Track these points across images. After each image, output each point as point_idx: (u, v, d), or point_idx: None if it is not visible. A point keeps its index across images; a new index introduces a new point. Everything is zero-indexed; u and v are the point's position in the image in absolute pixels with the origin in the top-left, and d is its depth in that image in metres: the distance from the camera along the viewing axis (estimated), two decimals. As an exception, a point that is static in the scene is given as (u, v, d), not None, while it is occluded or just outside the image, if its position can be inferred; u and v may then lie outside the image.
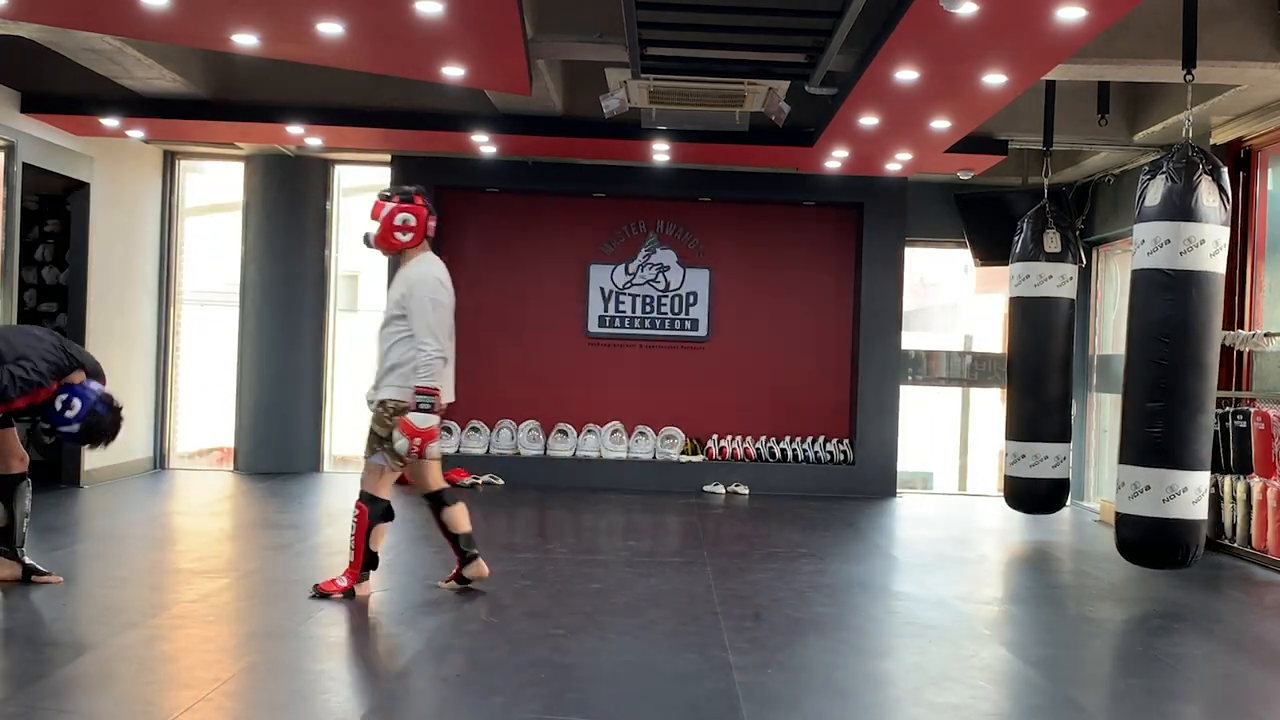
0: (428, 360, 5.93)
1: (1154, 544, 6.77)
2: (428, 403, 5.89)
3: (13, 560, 6.11)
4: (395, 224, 6.18)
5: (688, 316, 11.96)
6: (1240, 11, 7.20)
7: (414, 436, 5.85)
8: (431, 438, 5.89)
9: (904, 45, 6.58)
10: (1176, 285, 6.67)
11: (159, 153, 11.62)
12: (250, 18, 6.74)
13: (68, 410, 5.86)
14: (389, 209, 6.18)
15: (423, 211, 6.22)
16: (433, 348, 5.96)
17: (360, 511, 6.06)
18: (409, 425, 5.86)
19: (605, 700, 4.64)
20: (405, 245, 6.23)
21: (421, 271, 6.15)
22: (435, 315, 6.05)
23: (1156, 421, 6.69)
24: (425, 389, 5.90)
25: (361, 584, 6.10)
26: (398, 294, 6.13)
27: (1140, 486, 6.73)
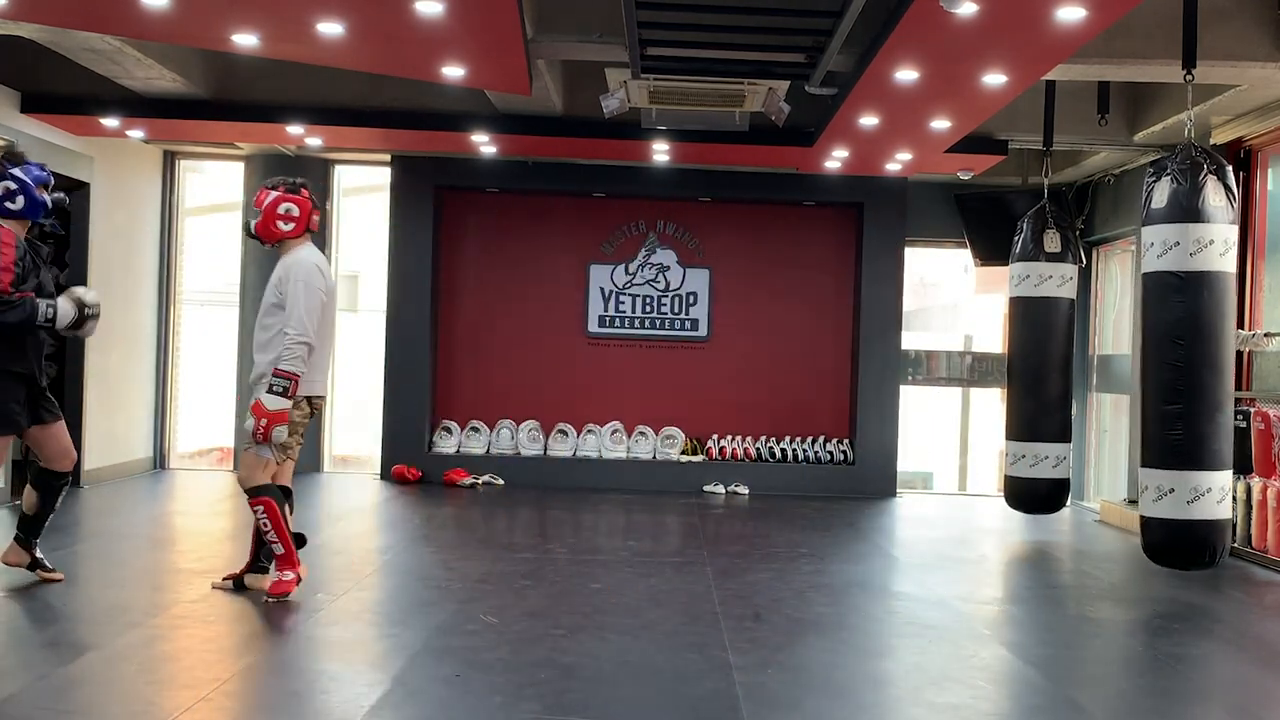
0: (291, 344, 5.84)
1: (1181, 546, 6.79)
2: (281, 386, 5.79)
3: (25, 549, 6.19)
4: (278, 213, 6.12)
5: (688, 316, 11.96)
6: (1240, 11, 7.20)
7: (262, 417, 5.77)
8: (280, 420, 5.77)
9: (904, 45, 6.58)
10: (1189, 287, 6.67)
11: (159, 153, 11.62)
12: (250, 18, 6.74)
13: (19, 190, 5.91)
14: (272, 197, 6.14)
15: (307, 204, 6.16)
16: (296, 333, 5.86)
17: (265, 505, 5.91)
18: (260, 406, 5.78)
19: (605, 700, 4.64)
20: (286, 235, 6.14)
21: (298, 257, 6.08)
22: (306, 301, 5.93)
23: (1176, 424, 6.69)
24: (284, 372, 5.81)
25: (300, 566, 6.04)
26: (275, 279, 6.07)
27: (1164, 489, 6.73)
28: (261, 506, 5.94)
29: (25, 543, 6.20)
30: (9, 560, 6.17)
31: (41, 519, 6.22)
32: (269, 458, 5.97)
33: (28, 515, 6.21)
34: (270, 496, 5.94)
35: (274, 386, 5.81)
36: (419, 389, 11.61)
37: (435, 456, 11.55)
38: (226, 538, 8.44)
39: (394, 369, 11.63)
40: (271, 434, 5.80)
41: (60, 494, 6.28)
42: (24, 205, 5.94)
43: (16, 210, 5.93)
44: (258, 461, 5.96)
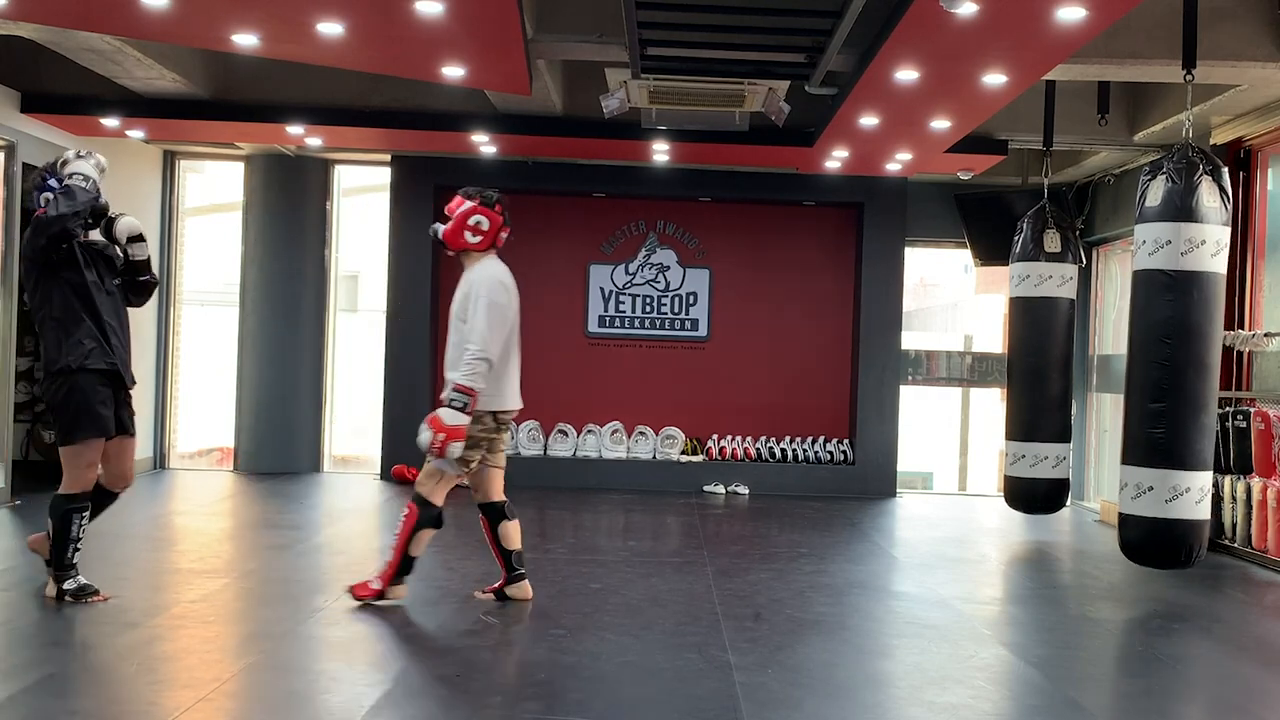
0: (470, 360, 5.82)
1: (1157, 544, 6.78)
2: (461, 401, 5.78)
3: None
4: (468, 224, 6.12)
5: (688, 316, 11.96)
6: (1240, 11, 7.20)
7: (439, 432, 5.74)
8: (457, 436, 5.75)
9: (904, 45, 6.58)
10: (1178, 286, 6.67)
11: (159, 153, 11.62)
12: (250, 18, 6.74)
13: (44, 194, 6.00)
14: (465, 207, 6.12)
15: (498, 220, 6.16)
16: (476, 349, 5.84)
17: (409, 511, 5.94)
18: (437, 420, 5.76)
19: (605, 700, 4.64)
20: (471, 246, 6.16)
21: (481, 273, 6.08)
22: (488, 317, 5.93)
23: (1159, 422, 6.69)
24: (463, 388, 5.79)
25: (395, 588, 5.99)
26: (460, 295, 6.07)
27: (1143, 487, 6.73)
28: (406, 511, 5.95)
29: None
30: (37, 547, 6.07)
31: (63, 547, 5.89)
32: (449, 471, 5.96)
33: None
34: (421, 511, 5.94)
35: (453, 402, 5.78)
36: (419, 389, 11.59)
37: (435, 456, 11.53)
38: (226, 538, 8.45)
39: (394, 369, 11.63)
40: (447, 449, 5.77)
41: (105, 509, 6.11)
42: None
43: None
44: (435, 474, 5.96)
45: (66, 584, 5.84)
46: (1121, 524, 6.93)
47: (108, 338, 5.88)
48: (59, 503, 5.83)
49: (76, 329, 5.79)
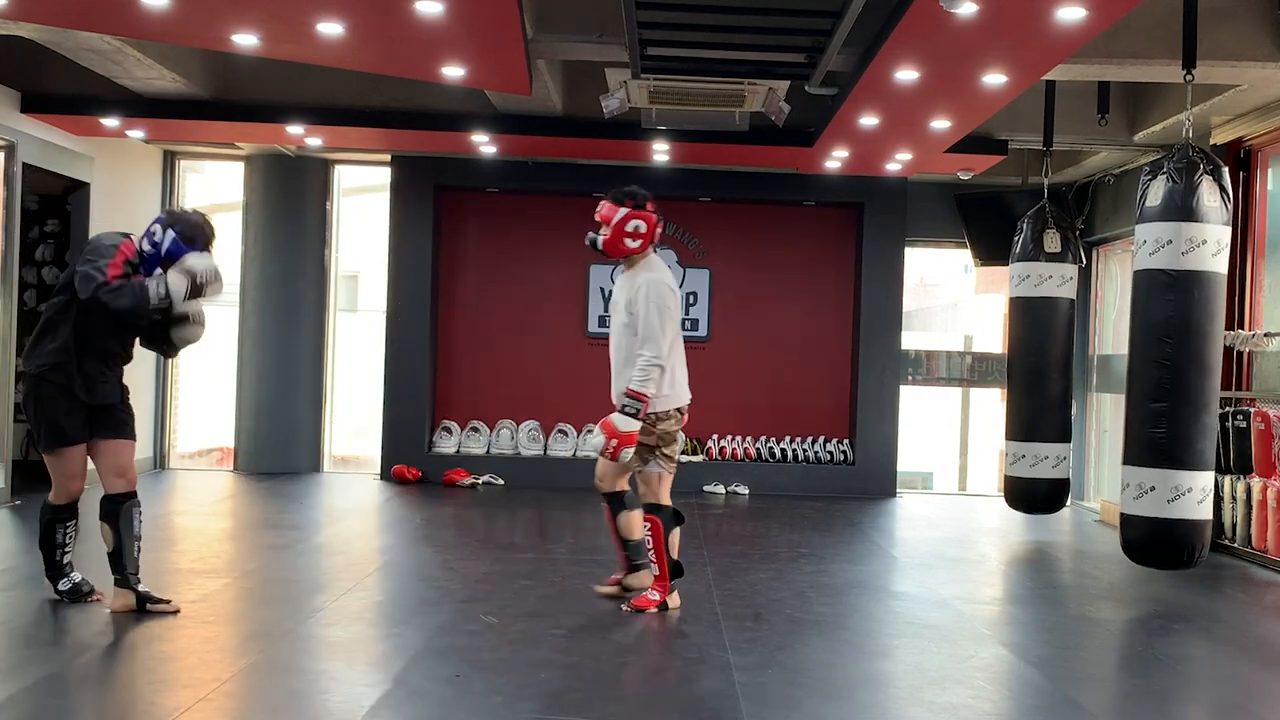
0: (644, 365, 5.88)
1: (1159, 545, 6.78)
2: (634, 407, 5.83)
3: (126, 588, 5.68)
4: (626, 230, 6.09)
5: (688, 316, 11.95)
6: (1240, 11, 7.20)
7: (612, 438, 5.80)
8: (629, 442, 5.80)
9: (904, 45, 6.58)
10: (1179, 286, 6.67)
11: (159, 153, 11.62)
12: (250, 18, 6.74)
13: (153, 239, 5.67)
14: (621, 214, 6.09)
15: (652, 218, 6.14)
16: (649, 354, 5.89)
17: (652, 524, 5.98)
18: (610, 425, 5.82)
19: (605, 700, 4.64)
20: (633, 251, 6.14)
21: (649, 277, 6.05)
22: (659, 321, 5.95)
23: (1160, 422, 6.69)
24: (635, 393, 5.85)
25: (671, 595, 6.06)
26: (624, 299, 6.07)
27: (1145, 487, 6.73)
28: (648, 525, 5.99)
29: (123, 582, 5.69)
30: (117, 607, 5.65)
31: (124, 551, 5.68)
32: (659, 471, 6.02)
33: (111, 553, 5.72)
34: (660, 518, 5.98)
35: (626, 407, 5.84)
36: (419, 389, 11.60)
37: (435, 456, 11.55)
38: (226, 538, 8.45)
39: (394, 369, 11.63)
40: (620, 454, 5.82)
41: (133, 518, 5.72)
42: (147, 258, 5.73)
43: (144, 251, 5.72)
44: (654, 476, 6.02)
45: (61, 584, 5.81)
46: (1124, 524, 6.93)
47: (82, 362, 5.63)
48: (44, 510, 5.77)
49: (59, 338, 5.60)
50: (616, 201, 6.13)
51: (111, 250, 5.57)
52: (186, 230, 5.73)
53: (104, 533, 5.74)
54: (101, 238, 5.73)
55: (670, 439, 6.07)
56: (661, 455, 6.02)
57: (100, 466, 5.78)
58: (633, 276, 6.12)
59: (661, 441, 6.02)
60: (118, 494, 5.75)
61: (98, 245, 5.64)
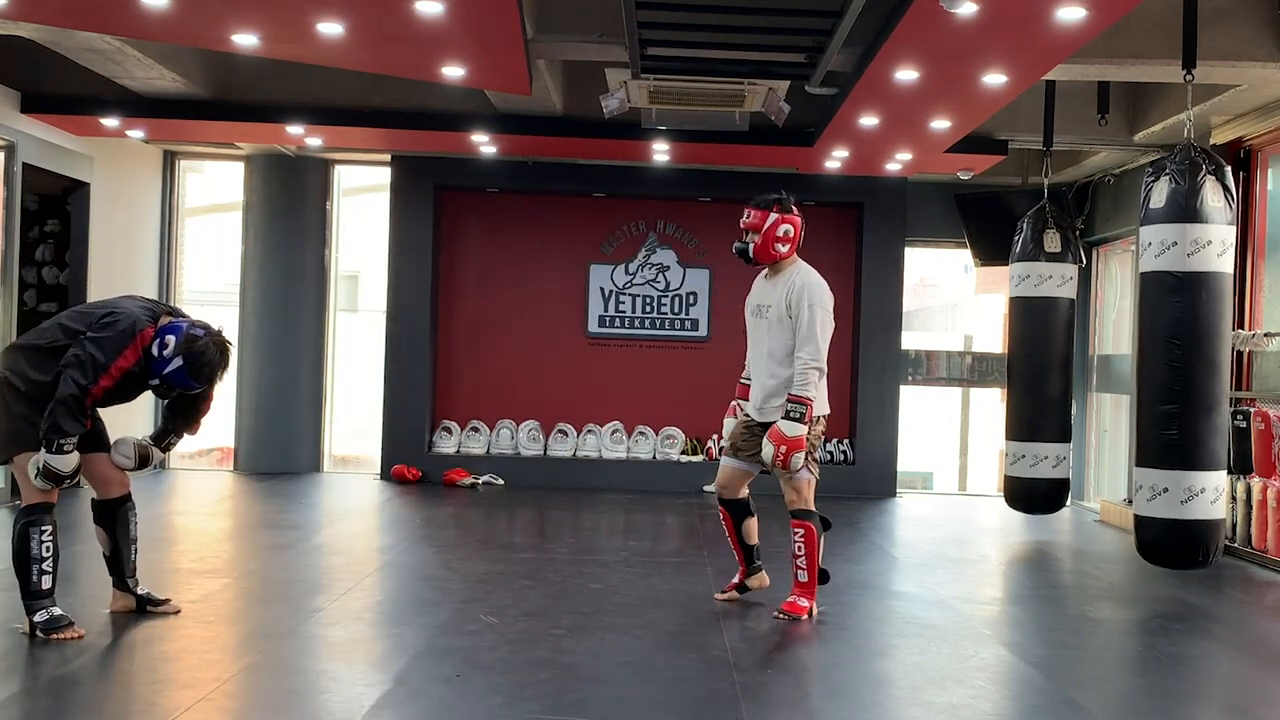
0: (803, 369, 5.85)
1: (1175, 545, 6.79)
2: (798, 412, 5.80)
3: (125, 591, 5.66)
4: (777, 235, 6.12)
5: (688, 316, 11.95)
6: (1240, 11, 7.20)
7: (780, 445, 5.79)
8: (798, 447, 5.79)
9: (904, 45, 6.58)
10: (1185, 287, 6.67)
11: (159, 153, 11.62)
12: (250, 18, 6.74)
13: (164, 350, 5.28)
14: (772, 220, 6.11)
15: (798, 221, 6.16)
16: (811, 358, 5.87)
17: (806, 531, 5.98)
18: (778, 434, 5.80)
19: (605, 700, 4.64)
20: (782, 256, 6.17)
21: (810, 279, 6.10)
22: (823, 326, 5.97)
23: (1172, 424, 6.69)
24: (798, 398, 5.82)
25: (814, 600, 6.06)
26: (781, 303, 6.04)
27: (1158, 489, 6.74)
28: (802, 531, 5.99)
29: (121, 585, 5.66)
30: (116, 608, 5.65)
31: (121, 555, 5.63)
32: (810, 478, 6.01)
33: (108, 557, 5.68)
34: (812, 523, 6.00)
35: (790, 413, 5.82)
36: (419, 389, 11.60)
37: (435, 456, 11.55)
38: (227, 538, 8.45)
39: (394, 369, 11.63)
40: (790, 460, 5.81)
41: (129, 521, 5.63)
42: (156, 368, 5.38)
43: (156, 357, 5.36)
44: (805, 484, 6.00)
45: (37, 615, 5.18)
46: (1138, 526, 6.93)
47: None
48: (17, 517, 5.27)
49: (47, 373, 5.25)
50: (763, 207, 6.13)
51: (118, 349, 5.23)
52: (193, 369, 5.39)
53: (99, 536, 5.66)
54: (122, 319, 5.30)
55: (817, 444, 6.08)
56: (811, 461, 6.01)
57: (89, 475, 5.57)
58: (786, 279, 6.12)
59: (812, 446, 6.00)
60: (115, 498, 5.63)
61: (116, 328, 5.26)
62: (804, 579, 6.02)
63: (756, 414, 6.12)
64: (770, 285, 6.20)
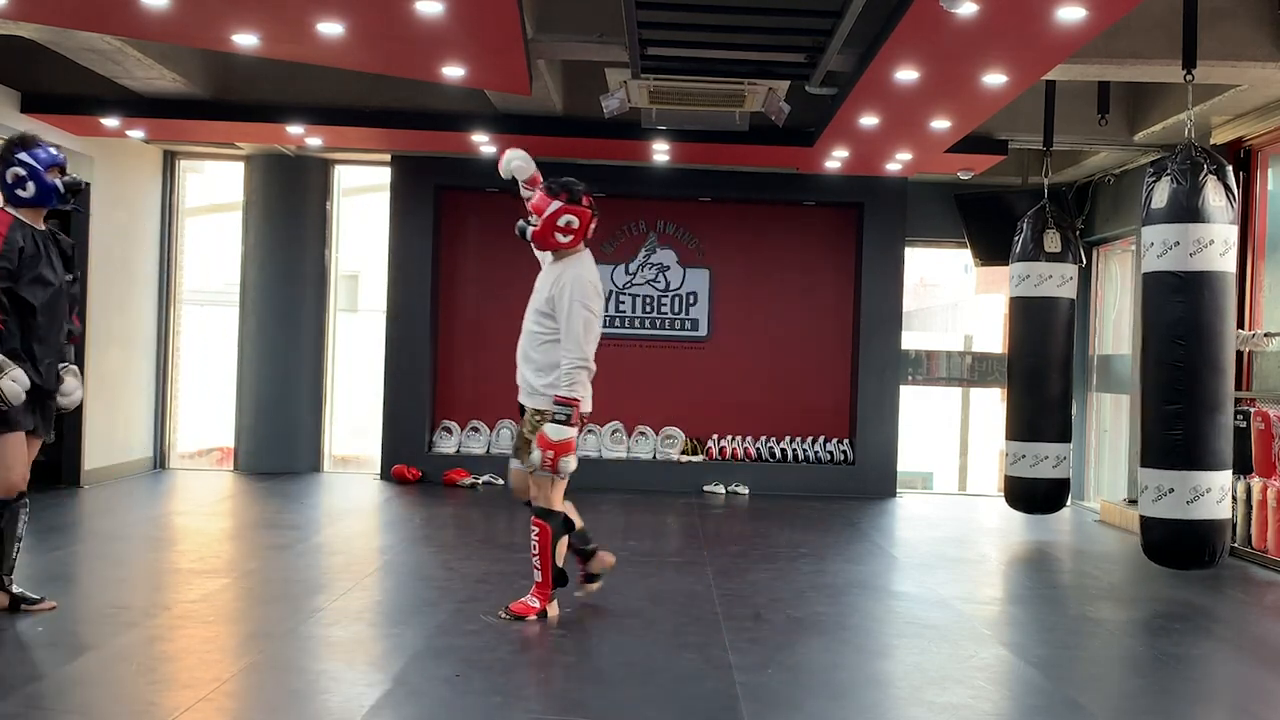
0: (570, 369, 5.73)
1: (1181, 546, 6.79)
2: (565, 414, 5.68)
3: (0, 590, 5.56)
4: (558, 225, 5.91)
5: (688, 316, 11.96)
6: (1240, 11, 7.20)
7: (548, 449, 5.69)
8: (567, 450, 5.68)
9: (904, 45, 6.58)
10: (1188, 287, 6.67)
11: (159, 153, 11.62)
12: (250, 18, 6.74)
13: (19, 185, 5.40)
14: (554, 208, 5.91)
15: (587, 214, 5.91)
16: (576, 355, 5.74)
17: (540, 529, 5.82)
18: (544, 437, 5.70)
19: (605, 700, 4.64)
20: (563, 246, 5.97)
21: (577, 274, 5.84)
22: (585, 324, 5.79)
23: (1176, 424, 6.70)
24: (565, 399, 5.69)
25: (551, 603, 5.89)
26: (547, 292, 5.87)
27: (1164, 489, 6.74)
28: (538, 530, 5.83)
29: None
30: None
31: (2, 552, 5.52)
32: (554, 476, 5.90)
33: None
34: (551, 524, 5.84)
35: (556, 415, 5.69)
36: (419, 389, 11.60)
37: (435, 456, 11.55)
38: (226, 538, 8.44)
39: (394, 369, 11.62)
40: (560, 464, 5.72)
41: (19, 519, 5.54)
42: (34, 192, 5.44)
43: (28, 198, 5.43)
44: (544, 481, 5.89)
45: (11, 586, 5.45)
46: (1144, 527, 6.93)
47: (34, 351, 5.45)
48: None
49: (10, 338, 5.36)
50: (550, 193, 5.91)
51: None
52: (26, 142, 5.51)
53: None
54: None
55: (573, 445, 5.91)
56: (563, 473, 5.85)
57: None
58: (560, 270, 5.91)
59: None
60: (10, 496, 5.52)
61: None
62: (538, 578, 5.82)
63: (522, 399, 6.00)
64: (545, 274, 6.00)
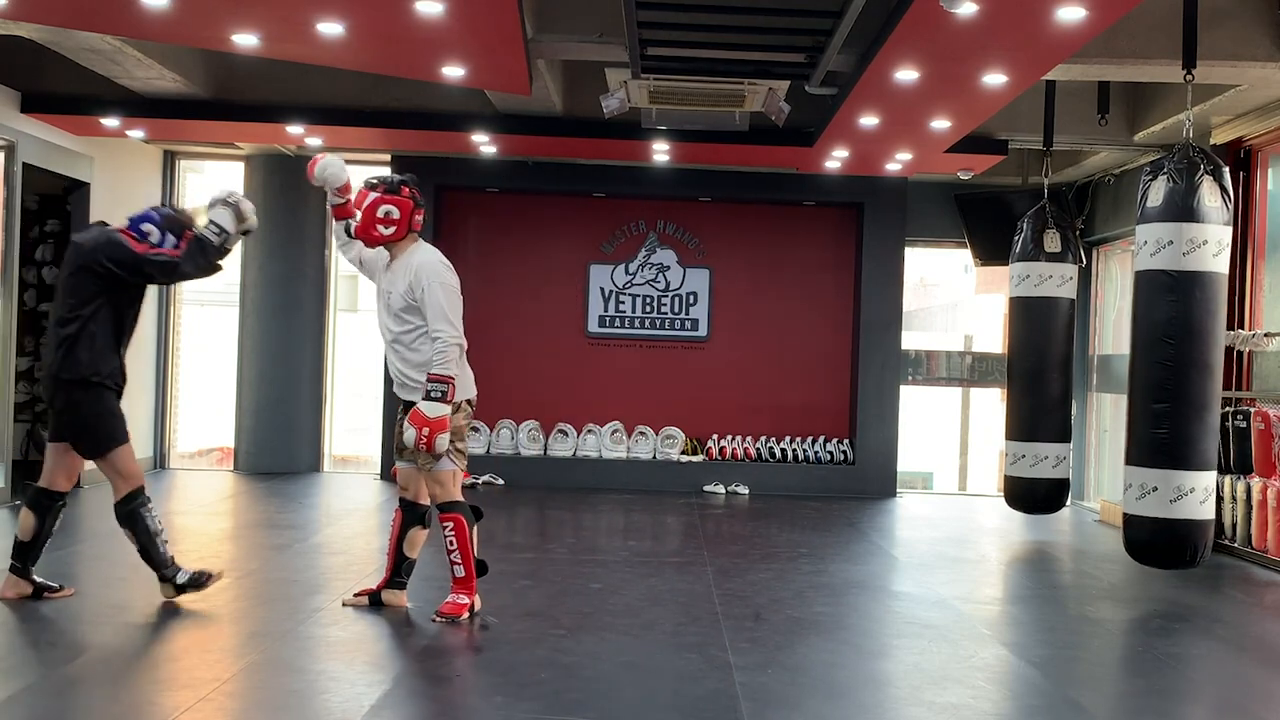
0: (443, 347, 5.63)
1: (1162, 544, 6.78)
2: (439, 391, 5.54)
3: (22, 578, 5.86)
4: (377, 216, 5.81)
5: (688, 316, 11.96)
6: (1240, 11, 7.20)
7: (423, 426, 5.56)
8: (441, 428, 5.57)
9: (904, 45, 6.58)
10: (1180, 286, 6.67)
11: (159, 153, 11.62)
12: (250, 18, 6.74)
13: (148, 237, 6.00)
14: (371, 199, 5.82)
15: (408, 204, 5.80)
16: (448, 334, 5.65)
17: (455, 523, 5.71)
18: (418, 414, 5.57)
19: (605, 700, 4.64)
20: (388, 238, 5.86)
21: (423, 259, 5.79)
22: (448, 301, 5.73)
23: (1163, 422, 6.70)
24: (438, 376, 5.56)
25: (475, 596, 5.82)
26: (403, 285, 5.76)
27: (1148, 487, 6.74)
28: (451, 524, 5.72)
29: (23, 572, 5.86)
30: (7, 595, 5.81)
31: (39, 543, 5.88)
32: (454, 468, 5.79)
33: (23, 541, 5.84)
34: (462, 514, 5.75)
35: (431, 393, 5.57)
36: (419, 389, 11.58)
37: (435, 456, 11.53)
38: (226, 538, 8.44)
39: (394, 369, 11.61)
40: (435, 442, 5.55)
41: (57, 517, 5.96)
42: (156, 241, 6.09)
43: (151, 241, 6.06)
44: (449, 475, 5.77)
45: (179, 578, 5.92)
46: (1126, 524, 6.94)
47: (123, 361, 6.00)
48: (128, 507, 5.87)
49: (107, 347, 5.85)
50: (368, 188, 5.86)
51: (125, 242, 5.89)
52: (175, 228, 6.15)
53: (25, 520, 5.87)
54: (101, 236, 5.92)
55: (462, 433, 5.82)
56: (454, 451, 5.75)
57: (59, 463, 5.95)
58: (406, 261, 5.84)
59: (454, 435, 5.75)
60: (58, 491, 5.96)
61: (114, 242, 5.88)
62: (460, 574, 5.75)
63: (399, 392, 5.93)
64: (391, 271, 5.89)
